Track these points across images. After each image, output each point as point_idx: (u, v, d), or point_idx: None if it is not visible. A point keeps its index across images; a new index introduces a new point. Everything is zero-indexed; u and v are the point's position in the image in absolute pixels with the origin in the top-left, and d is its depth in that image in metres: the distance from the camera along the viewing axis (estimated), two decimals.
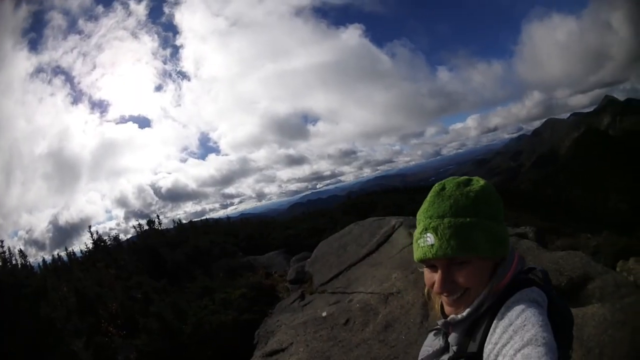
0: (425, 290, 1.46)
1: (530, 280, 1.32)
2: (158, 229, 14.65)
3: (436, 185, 1.41)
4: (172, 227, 17.00)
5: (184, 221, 18.82)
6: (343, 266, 7.66)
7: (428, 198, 1.38)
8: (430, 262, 1.34)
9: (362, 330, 5.49)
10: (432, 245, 1.29)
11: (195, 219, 21.90)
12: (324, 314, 6.12)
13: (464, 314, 1.30)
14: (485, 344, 1.21)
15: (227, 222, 21.31)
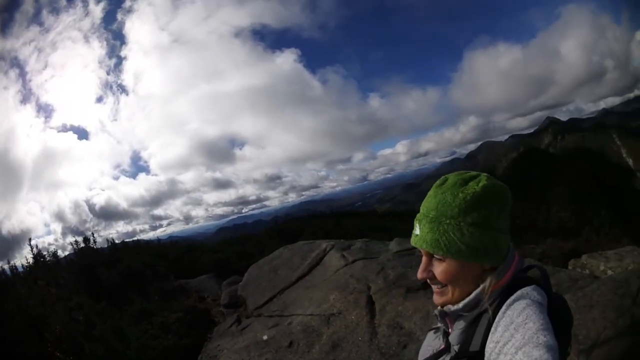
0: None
1: (531, 279, 1.36)
2: (93, 247, 13.97)
3: (441, 177, 1.46)
4: (105, 246, 16.33)
5: (116, 241, 17.99)
6: (276, 289, 7.58)
7: (430, 190, 1.45)
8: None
9: (308, 351, 5.44)
10: (416, 235, 1.40)
11: (127, 239, 20.98)
12: (265, 337, 6.00)
13: (460, 305, 1.36)
14: (487, 343, 1.23)
15: (157, 244, 20.45)
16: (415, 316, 5.24)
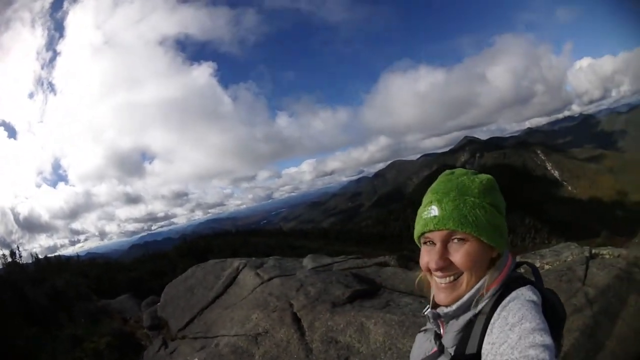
0: (417, 279, 1.48)
1: (525, 279, 1.34)
2: (19, 262, 13.32)
3: (446, 171, 1.48)
4: (30, 261, 15.68)
5: (40, 256, 17.36)
6: (195, 310, 7.39)
7: (437, 179, 1.47)
8: (429, 238, 1.35)
9: None
10: (435, 216, 1.32)
11: (50, 254, 20.67)
12: None
13: (453, 307, 1.32)
14: (484, 345, 1.20)
15: (77, 260, 20.28)
16: (348, 329, 5.14)
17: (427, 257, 1.36)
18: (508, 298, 1.25)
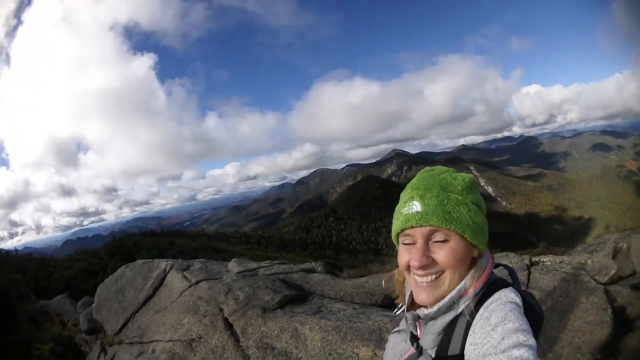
0: (385, 278, 1.52)
1: (506, 281, 1.35)
2: None
3: (425, 168, 1.45)
4: None
5: None
6: (127, 313, 7.24)
7: (417, 176, 1.43)
8: (410, 235, 1.33)
9: None
10: (417, 212, 1.30)
11: None
12: None
13: (435, 308, 1.31)
14: (466, 346, 1.21)
15: (16, 255, 20.37)
16: (283, 335, 5.11)
17: (408, 255, 1.33)
18: (490, 299, 1.26)
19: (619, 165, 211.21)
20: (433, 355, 1.30)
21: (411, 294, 1.42)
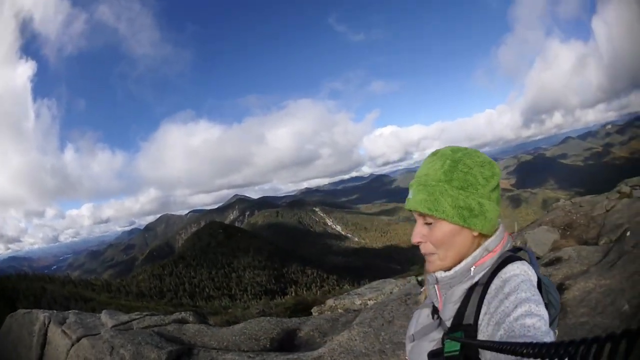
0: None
1: (520, 257, 1.36)
2: None
3: (432, 152, 1.50)
4: None
5: None
6: None
7: (425, 159, 1.51)
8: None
9: None
10: (409, 199, 1.43)
11: None
12: None
13: (451, 272, 1.38)
14: (480, 315, 1.24)
15: None
16: None
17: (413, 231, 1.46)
18: (504, 269, 1.29)
19: None
20: (449, 325, 1.34)
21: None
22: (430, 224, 1.39)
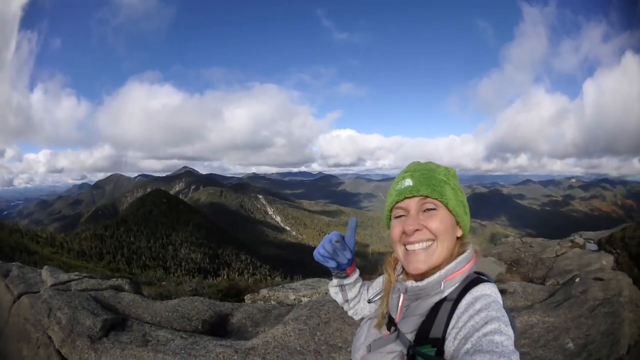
0: (386, 261, 1.60)
1: (489, 280, 1.40)
2: None
3: (414, 161, 1.59)
4: None
5: None
6: None
7: (407, 166, 1.58)
8: (402, 208, 1.45)
9: None
10: (408, 186, 1.45)
11: None
12: None
13: (424, 282, 1.37)
14: (448, 330, 1.25)
15: None
16: None
17: (401, 225, 1.43)
18: (476, 287, 1.31)
19: None
20: (412, 339, 1.33)
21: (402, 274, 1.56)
22: (432, 209, 1.42)
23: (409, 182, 1.46)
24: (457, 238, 1.46)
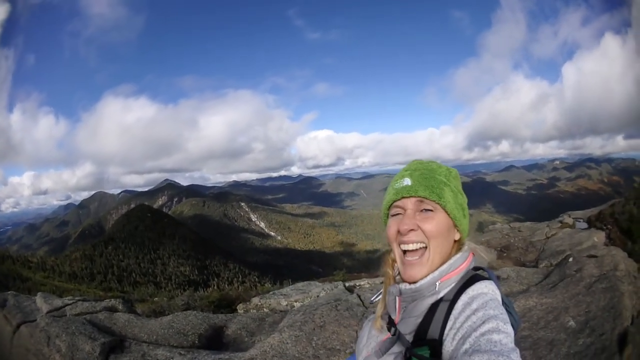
0: (385, 260, 1.55)
1: (486, 277, 1.39)
2: None
3: (415, 159, 1.58)
4: None
5: None
6: None
7: (408, 164, 1.56)
8: (399, 207, 1.45)
9: None
10: (407, 185, 1.44)
11: None
12: None
13: (417, 284, 1.37)
14: (446, 330, 1.25)
15: None
16: None
17: (397, 224, 1.43)
18: (473, 287, 1.32)
19: None
20: (411, 340, 1.34)
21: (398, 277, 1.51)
22: (429, 210, 1.41)
23: (407, 181, 1.46)
24: (455, 241, 1.46)
